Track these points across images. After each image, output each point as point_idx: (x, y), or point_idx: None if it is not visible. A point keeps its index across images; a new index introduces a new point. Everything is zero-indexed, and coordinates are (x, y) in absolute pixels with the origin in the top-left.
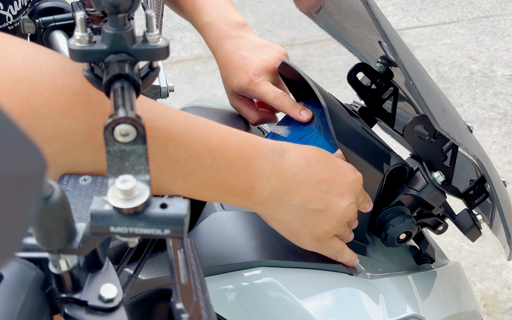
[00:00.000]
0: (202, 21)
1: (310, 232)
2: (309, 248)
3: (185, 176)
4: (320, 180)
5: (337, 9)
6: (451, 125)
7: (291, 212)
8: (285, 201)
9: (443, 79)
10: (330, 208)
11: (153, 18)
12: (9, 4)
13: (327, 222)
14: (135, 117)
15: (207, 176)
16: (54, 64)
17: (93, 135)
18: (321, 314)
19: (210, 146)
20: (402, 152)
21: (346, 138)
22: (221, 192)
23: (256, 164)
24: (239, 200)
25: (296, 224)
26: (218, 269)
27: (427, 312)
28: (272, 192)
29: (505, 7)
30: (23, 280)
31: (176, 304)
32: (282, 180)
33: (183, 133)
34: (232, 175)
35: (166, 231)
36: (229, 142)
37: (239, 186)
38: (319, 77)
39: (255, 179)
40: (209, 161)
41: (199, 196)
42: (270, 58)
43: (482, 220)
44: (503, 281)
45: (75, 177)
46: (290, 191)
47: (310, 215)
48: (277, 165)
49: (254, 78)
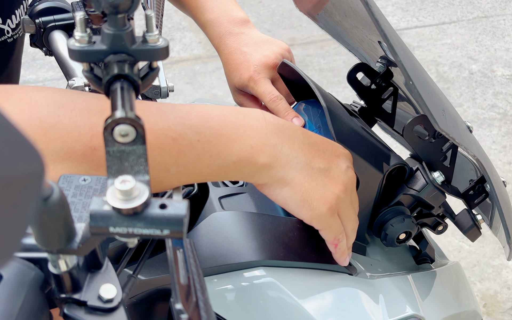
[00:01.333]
0: (204, 19)
1: (322, 196)
2: (322, 218)
3: (174, 160)
4: (315, 141)
5: (337, 9)
6: (450, 125)
7: (300, 171)
8: (292, 158)
9: (443, 79)
10: (332, 168)
11: (152, 18)
12: (7, 18)
13: (333, 184)
14: (134, 117)
15: (198, 152)
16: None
17: (72, 150)
18: (321, 314)
19: (191, 123)
20: (402, 152)
21: (346, 138)
22: (221, 163)
23: (247, 124)
24: (245, 165)
25: (307, 186)
26: (218, 269)
27: (426, 312)
28: (275, 147)
29: (505, 7)
30: (22, 280)
31: (176, 304)
32: (281, 136)
33: (159, 121)
34: (224, 141)
35: (165, 232)
36: (210, 114)
37: (237, 149)
38: (319, 77)
39: (252, 136)
40: (195, 136)
41: (201, 177)
42: (271, 54)
43: (482, 220)
44: (503, 281)
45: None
46: (293, 147)
47: (318, 174)
48: (270, 123)
49: (254, 75)
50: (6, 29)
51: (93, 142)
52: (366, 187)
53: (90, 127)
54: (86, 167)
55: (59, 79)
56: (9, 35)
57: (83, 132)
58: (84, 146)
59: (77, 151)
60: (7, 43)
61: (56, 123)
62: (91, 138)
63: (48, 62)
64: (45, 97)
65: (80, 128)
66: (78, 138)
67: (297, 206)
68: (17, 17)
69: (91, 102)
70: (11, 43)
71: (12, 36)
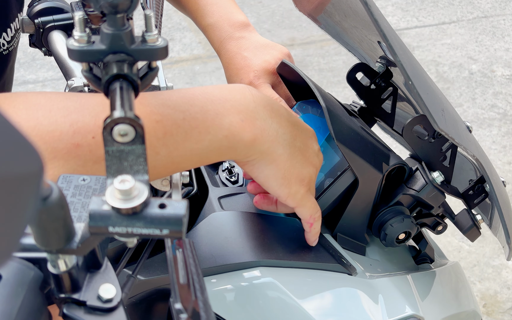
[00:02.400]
0: (205, 22)
1: (298, 174)
2: (297, 195)
3: (162, 142)
4: (296, 120)
5: (337, 9)
6: (450, 125)
7: (285, 148)
8: (281, 134)
9: (443, 79)
10: (307, 147)
11: (152, 18)
12: (3, 32)
13: (308, 164)
14: (134, 117)
15: (185, 130)
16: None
17: (56, 149)
18: (320, 314)
19: (174, 104)
20: (402, 152)
21: (346, 138)
22: (212, 138)
23: (233, 98)
24: (238, 140)
25: (289, 164)
26: (217, 269)
27: (426, 312)
28: (265, 121)
29: (504, 7)
30: (21, 280)
31: (175, 304)
32: (269, 110)
33: (140, 107)
34: (212, 115)
35: (164, 231)
36: (193, 92)
37: (227, 123)
38: (319, 77)
39: (240, 110)
40: (179, 115)
41: (194, 157)
42: (271, 59)
43: (482, 220)
44: (503, 281)
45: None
46: (281, 123)
47: (297, 153)
48: (257, 97)
49: (254, 80)
50: (2, 42)
51: (76, 139)
52: (365, 187)
53: (71, 124)
54: (73, 165)
55: (59, 79)
56: (4, 48)
57: (64, 130)
58: (67, 144)
59: (61, 150)
60: (2, 55)
61: (35, 125)
62: (73, 134)
63: (48, 62)
64: (22, 102)
65: (61, 126)
66: (59, 137)
67: (277, 184)
68: (12, 30)
69: (69, 99)
70: (6, 55)
71: (7, 48)
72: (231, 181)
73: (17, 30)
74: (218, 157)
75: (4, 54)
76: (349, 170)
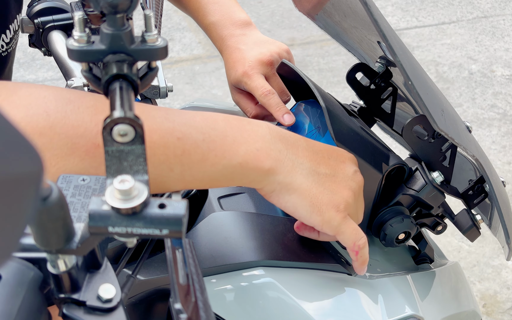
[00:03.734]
0: (207, 21)
1: (330, 200)
2: (332, 222)
3: (179, 159)
4: (319, 149)
5: (336, 10)
6: (450, 125)
7: (306, 176)
8: (298, 164)
9: (443, 79)
10: (338, 173)
11: (151, 18)
12: (2, 34)
13: (341, 189)
14: (133, 117)
15: (203, 151)
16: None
17: (76, 145)
18: (320, 314)
19: (196, 125)
20: (401, 152)
21: (345, 138)
22: (227, 163)
23: (251, 129)
24: (251, 168)
25: (315, 192)
26: (217, 269)
27: (426, 312)
28: (280, 152)
29: (504, 7)
30: (21, 280)
31: (175, 304)
32: (286, 142)
33: (165, 122)
34: (230, 141)
35: (164, 231)
36: (215, 118)
37: (243, 150)
38: (319, 77)
39: (256, 140)
40: (200, 136)
41: (205, 178)
42: (266, 52)
43: (481, 220)
44: (503, 281)
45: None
46: (298, 154)
47: (324, 179)
48: (274, 130)
49: (247, 70)
50: (1, 44)
51: (98, 139)
52: (365, 187)
53: (96, 123)
54: (87, 165)
55: (59, 79)
56: (3, 49)
57: (89, 128)
58: (88, 142)
59: (80, 147)
60: (1, 57)
61: (62, 117)
62: (96, 134)
63: (48, 62)
64: (53, 93)
65: (86, 124)
66: (83, 134)
67: (307, 212)
68: (11, 31)
69: (99, 100)
70: (5, 57)
71: (6, 50)
72: None
73: (15, 32)
74: (229, 182)
75: (3, 55)
76: None
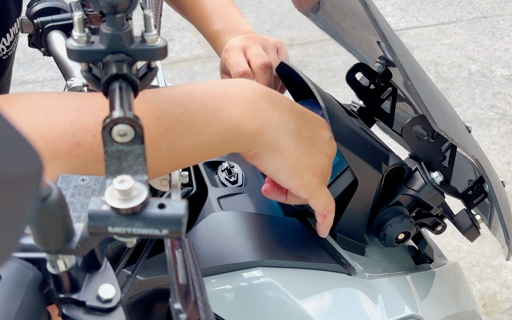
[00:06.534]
0: (211, 29)
1: (309, 164)
2: (310, 186)
3: (163, 137)
4: (301, 110)
5: (336, 10)
6: (449, 125)
7: (291, 138)
8: (284, 124)
9: (442, 79)
10: (317, 136)
11: (151, 18)
12: (2, 37)
13: (319, 152)
14: (133, 117)
15: (185, 125)
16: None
17: (57, 148)
18: (320, 314)
19: (174, 99)
20: (401, 152)
21: (345, 138)
22: (212, 131)
23: (232, 91)
24: (238, 132)
25: (297, 155)
26: (217, 269)
27: (425, 312)
28: (266, 112)
29: (504, 7)
30: (21, 280)
31: (174, 304)
32: (271, 101)
33: (140, 104)
34: (211, 109)
35: (164, 232)
36: (192, 87)
37: (227, 115)
38: (318, 77)
39: (240, 102)
40: (179, 109)
41: (195, 151)
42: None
43: (481, 220)
44: (502, 281)
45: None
46: (284, 113)
47: (306, 142)
48: (256, 88)
49: (228, 47)
50: (1, 47)
51: (76, 138)
52: (365, 187)
53: (71, 123)
54: (74, 164)
55: (58, 79)
56: (4, 52)
57: (65, 129)
58: (68, 143)
59: (62, 149)
60: (2, 60)
61: (36, 125)
62: (74, 133)
63: (47, 62)
64: (23, 102)
65: (61, 125)
66: (60, 136)
67: (287, 175)
68: (11, 35)
69: (70, 99)
70: (5, 60)
71: (6, 53)
72: (231, 181)
73: (15, 35)
74: (220, 150)
75: (3, 59)
76: (349, 170)
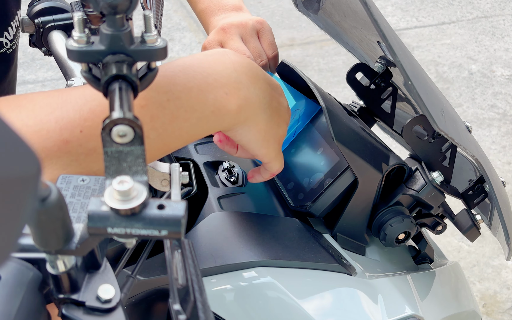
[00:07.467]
0: (198, 8)
1: (276, 133)
2: (272, 153)
3: (151, 126)
4: (270, 79)
5: (336, 10)
6: (449, 125)
7: (266, 111)
8: (261, 99)
9: (442, 79)
10: (280, 106)
11: (151, 18)
12: (4, 31)
13: (282, 122)
14: (132, 118)
15: (171, 112)
16: None
17: (45, 148)
18: (320, 314)
19: (156, 86)
20: (401, 152)
21: (345, 138)
22: (199, 115)
23: (215, 72)
24: (224, 113)
25: (268, 127)
26: (217, 269)
27: (426, 312)
28: (248, 89)
29: (504, 7)
30: (20, 281)
31: (174, 305)
32: (250, 76)
33: None
34: (195, 92)
35: (163, 232)
36: (173, 70)
37: (212, 98)
38: (318, 77)
39: (223, 84)
40: (163, 97)
41: (184, 134)
42: (242, 18)
43: (481, 220)
44: (502, 281)
45: (73, 177)
46: (260, 87)
47: (274, 113)
48: (237, 63)
49: (206, 44)
50: (5, 41)
51: (63, 135)
52: (365, 187)
53: (56, 120)
54: (66, 160)
55: (59, 79)
56: (7, 46)
57: (51, 128)
58: (56, 141)
59: (51, 148)
60: (6, 54)
61: (21, 127)
62: (60, 131)
63: (48, 62)
64: (5, 106)
65: (46, 124)
66: (47, 135)
67: (258, 145)
68: (13, 28)
69: (51, 96)
70: (10, 54)
71: (10, 47)
72: (231, 181)
73: (17, 28)
74: (207, 131)
75: (8, 53)
76: (349, 170)
